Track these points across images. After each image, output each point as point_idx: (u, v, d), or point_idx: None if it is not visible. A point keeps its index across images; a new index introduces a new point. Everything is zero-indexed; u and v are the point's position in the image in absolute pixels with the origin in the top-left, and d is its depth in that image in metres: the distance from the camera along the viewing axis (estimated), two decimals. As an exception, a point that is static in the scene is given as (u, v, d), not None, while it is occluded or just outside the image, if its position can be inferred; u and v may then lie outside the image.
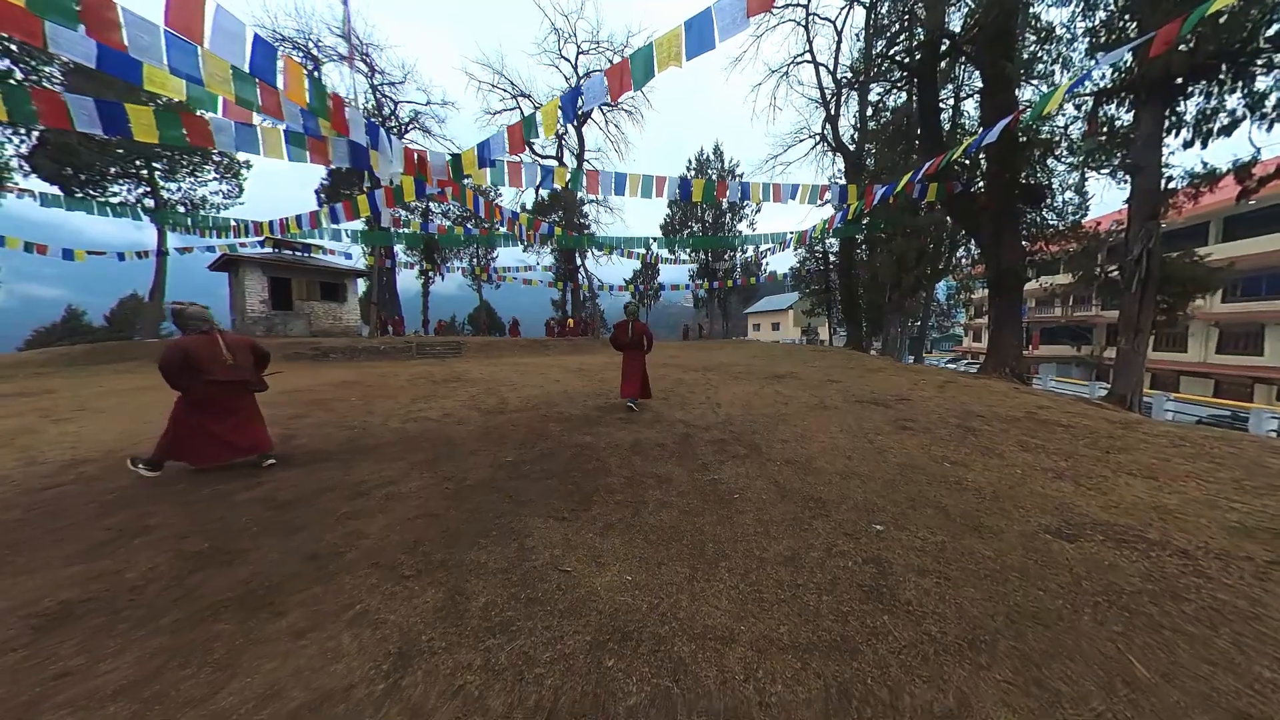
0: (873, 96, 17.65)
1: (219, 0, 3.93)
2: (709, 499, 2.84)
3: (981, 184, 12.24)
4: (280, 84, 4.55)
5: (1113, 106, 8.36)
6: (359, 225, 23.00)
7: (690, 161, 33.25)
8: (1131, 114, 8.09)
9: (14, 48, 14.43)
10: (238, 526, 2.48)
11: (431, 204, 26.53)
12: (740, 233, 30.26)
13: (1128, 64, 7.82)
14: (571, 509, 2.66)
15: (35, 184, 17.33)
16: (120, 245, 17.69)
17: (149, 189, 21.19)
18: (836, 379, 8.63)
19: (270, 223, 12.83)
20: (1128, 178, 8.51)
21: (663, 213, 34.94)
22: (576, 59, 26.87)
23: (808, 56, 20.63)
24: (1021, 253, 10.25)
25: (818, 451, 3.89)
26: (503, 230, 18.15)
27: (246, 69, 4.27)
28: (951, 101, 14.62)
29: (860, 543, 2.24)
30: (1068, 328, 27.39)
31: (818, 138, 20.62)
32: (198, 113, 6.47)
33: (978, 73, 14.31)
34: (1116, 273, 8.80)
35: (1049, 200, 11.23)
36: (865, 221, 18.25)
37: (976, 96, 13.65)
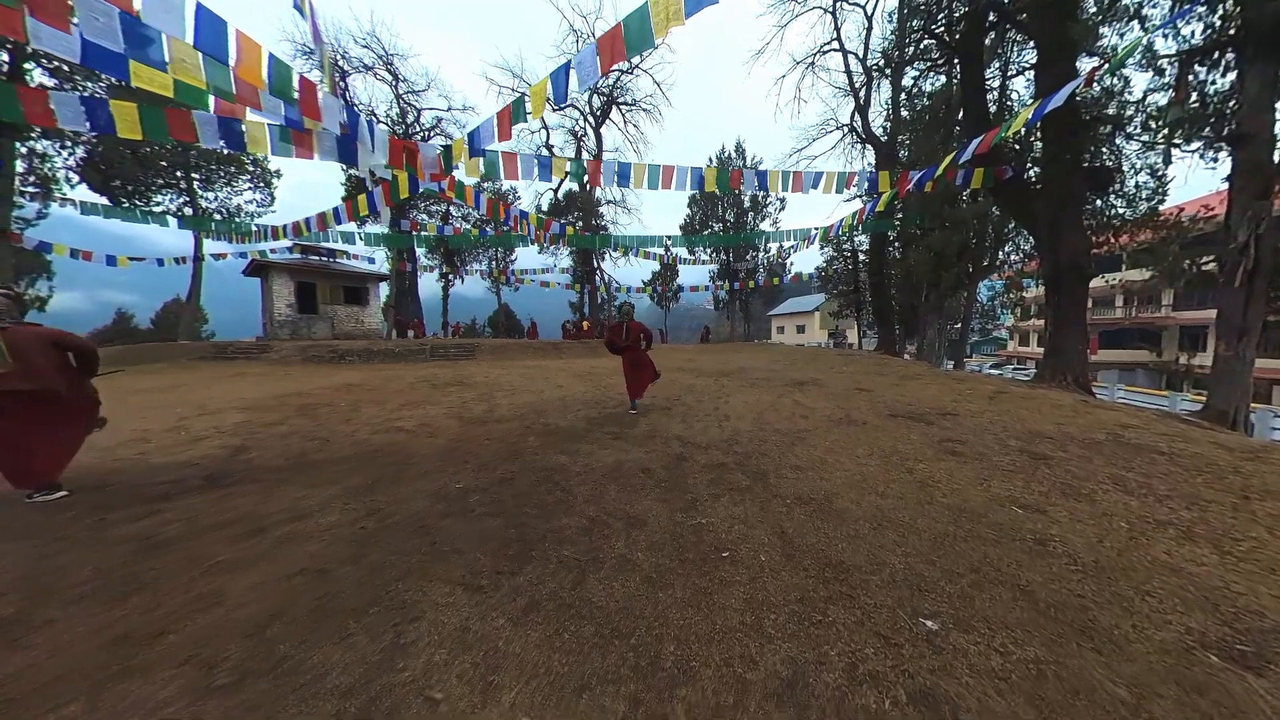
0: (906, 81, 16.37)
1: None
2: (687, 557, 2.11)
3: (1034, 169, 10.90)
4: (233, 61, 4.16)
5: (1205, 69, 7.05)
6: (381, 229, 23.45)
7: (711, 159, 32.37)
8: (1232, 76, 6.79)
9: (65, 66, 15.30)
10: (73, 580, 1.95)
11: (451, 208, 26.80)
12: (762, 231, 29.11)
13: (1226, 15, 6.55)
14: (497, 570, 1.99)
15: (82, 193, 18.40)
16: (182, 253, 18.60)
17: (188, 198, 22.25)
18: (866, 387, 7.66)
19: (284, 226, 12.95)
20: (1222, 153, 7.18)
21: (683, 213, 34.19)
22: (595, 59, 26.55)
23: (835, 44, 19.47)
24: (1086, 244, 8.93)
25: (841, 485, 3.08)
26: (508, 228, 17.89)
27: (190, 42, 3.89)
28: (998, 82, 13.26)
29: (903, 655, 1.46)
30: (1132, 330, 24.74)
31: (846, 129, 19.39)
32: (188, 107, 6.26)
33: (1026, 47, 12.93)
34: (1213, 264, 7.43)
35: (1117, 185, 9.82)
36: (899, 215, 16.91)
37: (1029, 73, 12.28)
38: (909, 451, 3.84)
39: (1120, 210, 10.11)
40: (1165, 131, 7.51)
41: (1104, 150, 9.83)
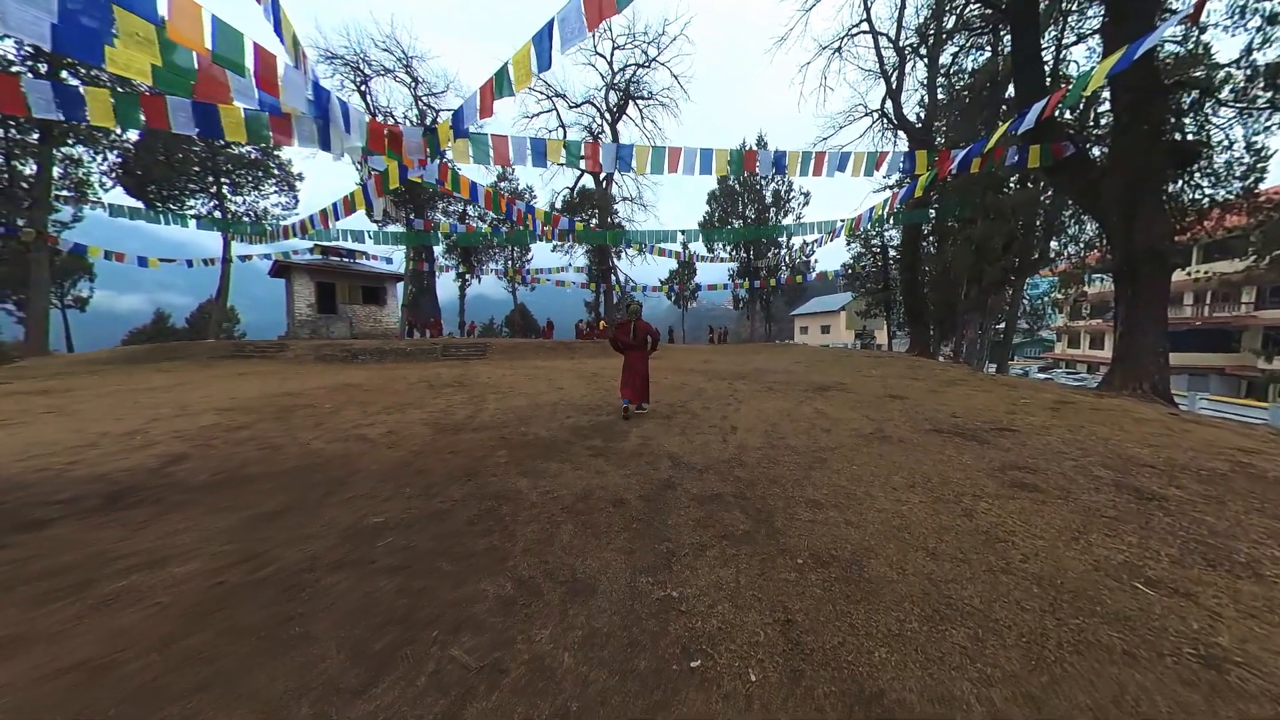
0: (945, 58, 15.00)
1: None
2: (637, 666, 1.39)
3: (1097, 146, 9.58)
4: (165, 14, 3.71)
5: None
6: (397, 227, 23.63)
7: (730, 154, 31.28)
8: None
9: (100, 74, 15.89)
10: None
11: (469, 208, 26.81)
12: (783, 225, 27.80)
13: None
14: (338, 684, 1.32)
15: (114, 196, 19.17)
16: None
17: (218, 202, 23.02)
18: (900, 394, 6.69)
19: (292, 225, 12.94)
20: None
21: (702, 210, 33.22)
22: (612, 54, 26.05)
23: (865, 26, 18.19)
24: (1167, 229, 7.64)
25: (874, 533, 2.28)
26: (512, 222, 17.48)
27: (112, -3, 3.45)
28: (1050, 57, 11.83)
29: None
30: (1204, 330, 22.20)
31: (876, 114, 18.04)
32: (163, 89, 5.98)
33: (1086, 16, 11.48)
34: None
35: (1205, 161, 8.42)
36: (935, 205, 15.53)
37: (1091, 40, 10.88)
38: (963, 483, 2.98)
39: (1206, 190, 8.69)
40: (1276, 93, 6.21)
41: (1186, 120, 8.47)
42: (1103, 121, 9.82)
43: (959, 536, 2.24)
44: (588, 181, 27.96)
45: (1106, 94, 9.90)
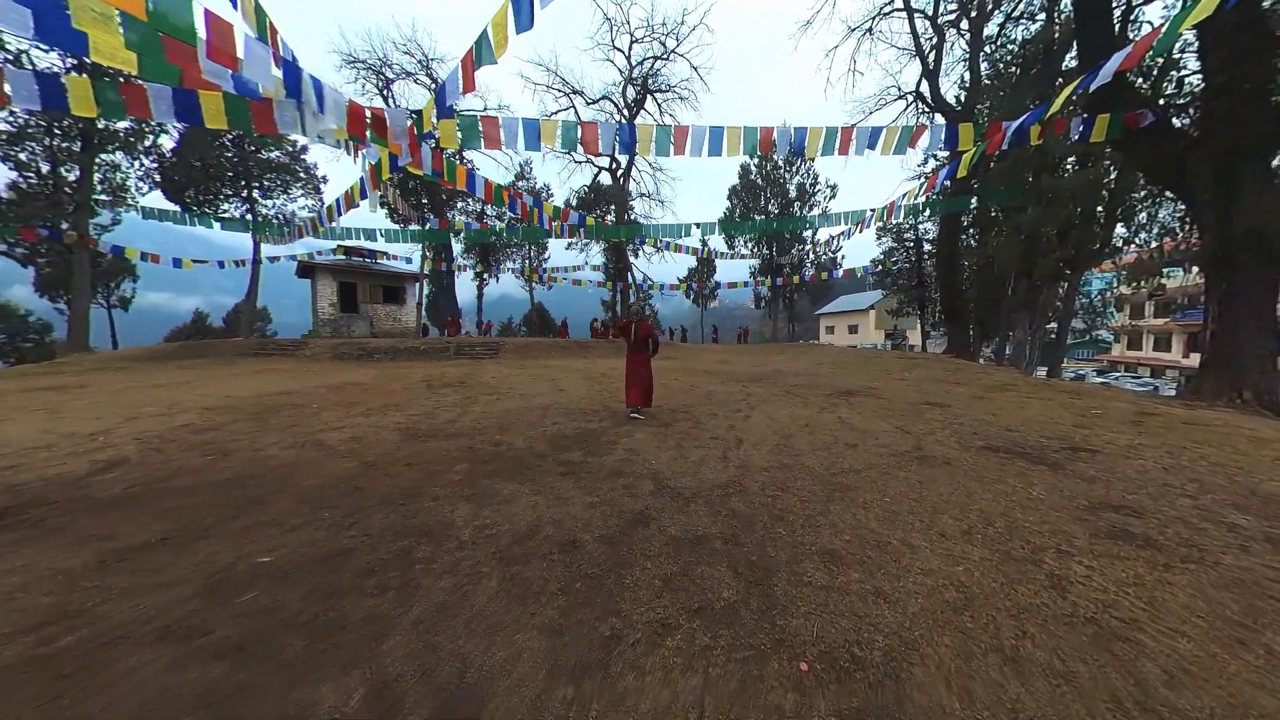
0: (990, 29, 13.64)
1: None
2: None
3: (1182, 114, 8.25)
4: None
5: None
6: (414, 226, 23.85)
7: (744, 131, 30.10)
8: None
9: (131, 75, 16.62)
10: None
11: (488, 207, 26.84)
12: (806, 218, 26.38)
13: None
14: None
15: (151, 200, 20.07)
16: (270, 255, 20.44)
17: (249, 206, 23.86)
18: (940, 400, 5.79)
19: (303, 224, 13.01)
20: None
21: (722, 205, 32.19)
22: (630, 48, 25.50)
23: (899, 2, 16.91)
24: (1278, 209, 6.37)
25: (919, 617, 1.56)
26: (517, 216, 17.09)
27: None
28: (1120, 12, 10.40)
29: None
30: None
31: (912, 96, 16.70)
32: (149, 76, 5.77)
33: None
34: None
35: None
36: (976, 189, 14.14)
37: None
38: (1039, 528, 2.20)
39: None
40: None
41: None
42: (1184, 87, 8.47)
43: (1050, 626, 1.50)
44: (607, 179, 27.51)
45: (1190, 55, 8.55)
